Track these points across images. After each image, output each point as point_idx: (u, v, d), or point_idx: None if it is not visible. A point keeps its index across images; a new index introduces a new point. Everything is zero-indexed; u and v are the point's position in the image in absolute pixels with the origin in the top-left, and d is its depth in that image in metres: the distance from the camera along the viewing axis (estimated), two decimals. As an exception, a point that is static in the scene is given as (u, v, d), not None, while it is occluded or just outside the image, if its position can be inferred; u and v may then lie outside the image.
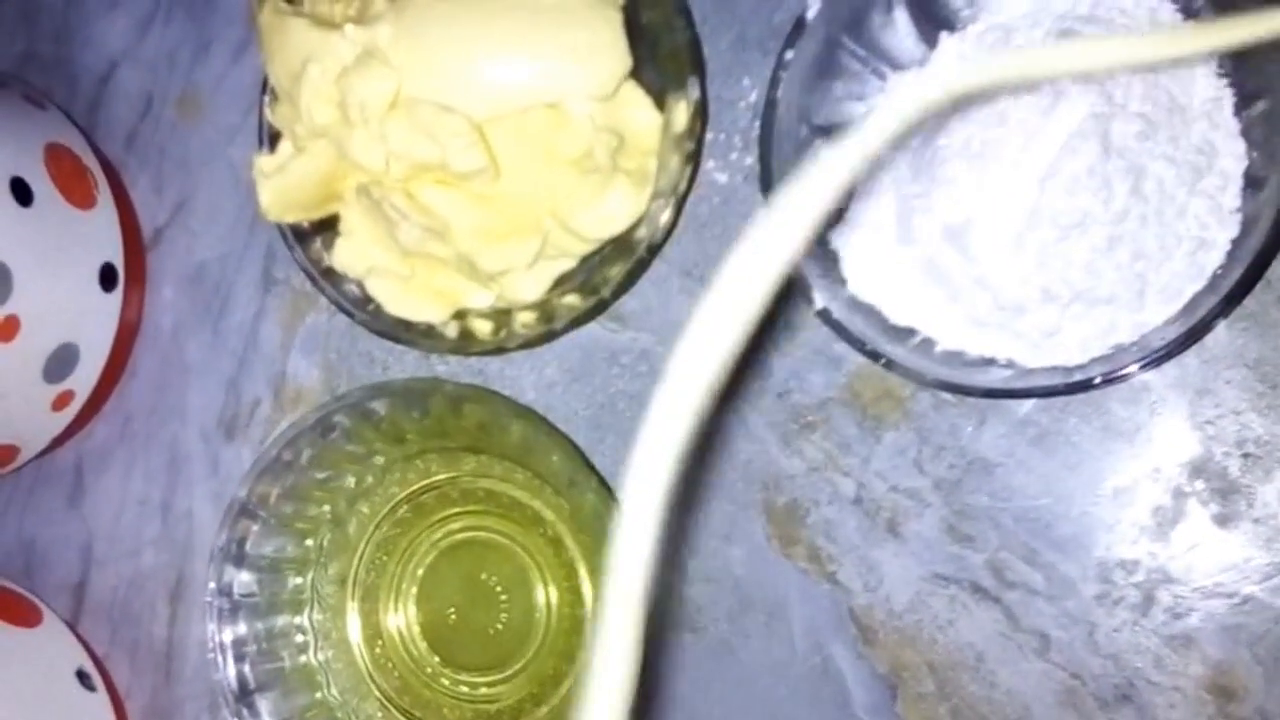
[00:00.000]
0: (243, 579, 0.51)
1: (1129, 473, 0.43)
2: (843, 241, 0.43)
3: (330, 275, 0.48)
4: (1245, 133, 0.39)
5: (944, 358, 0.42)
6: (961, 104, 0.40)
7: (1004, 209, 0.39)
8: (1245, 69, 0.38)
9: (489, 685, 0.52)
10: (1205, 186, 0.39)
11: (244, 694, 0.50)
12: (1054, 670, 0.44)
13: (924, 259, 0.41)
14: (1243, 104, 0.39)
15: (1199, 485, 0.42)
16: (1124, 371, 0.38)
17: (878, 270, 0.42)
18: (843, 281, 0.43)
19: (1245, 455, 0.41)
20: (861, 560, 0.46)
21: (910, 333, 0.42)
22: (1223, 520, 0.42)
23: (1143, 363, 0.38)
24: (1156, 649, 0.42)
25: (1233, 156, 0.39)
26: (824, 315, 0.41)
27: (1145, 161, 0.38)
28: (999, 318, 0.40)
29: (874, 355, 0.41)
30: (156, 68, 0.59)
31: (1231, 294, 0.37)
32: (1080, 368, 0.40)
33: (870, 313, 0.42)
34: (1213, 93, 0.39)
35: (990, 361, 0.41)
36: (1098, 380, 0.39)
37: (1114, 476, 0.43)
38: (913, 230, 0.41)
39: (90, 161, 0.56)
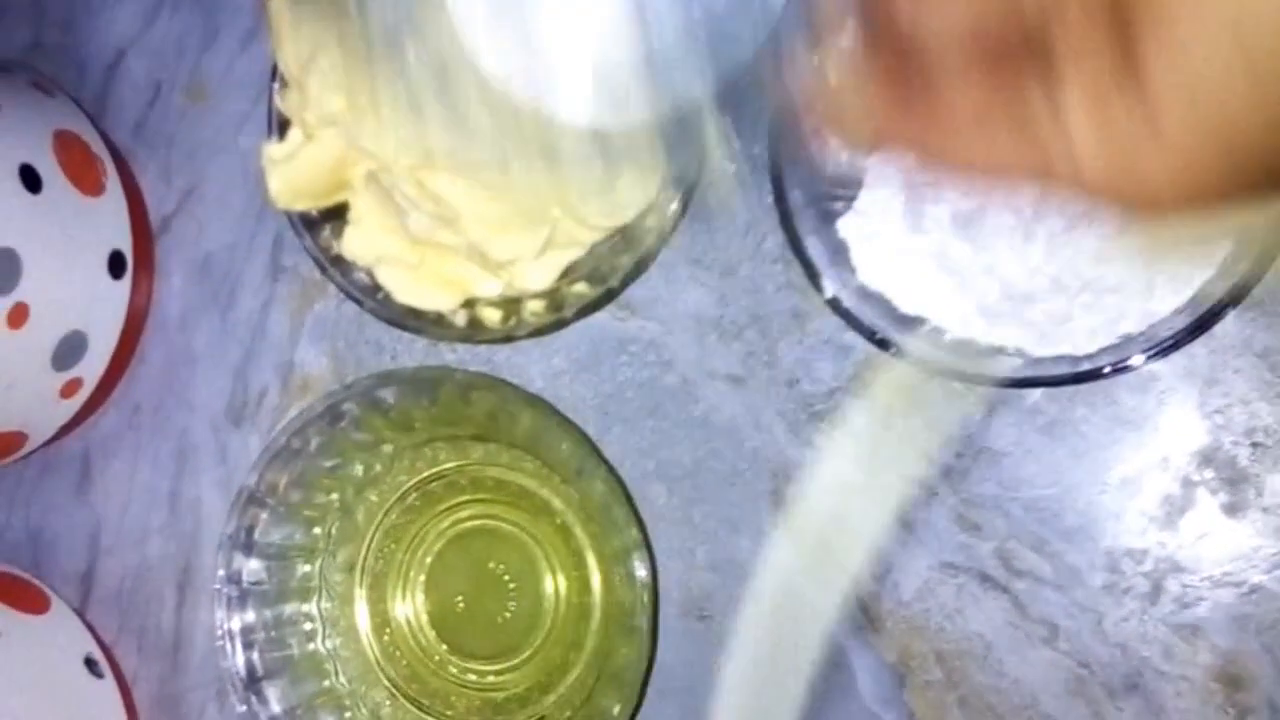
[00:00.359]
0: (251, 567, 0.51)
1: (1137, 462, 0.43)
2: (852, 230, 0.43)
3: (339, 263, 0.48)
4: (1257, 121, 0.39)
5: (953, 346, 0.42)
6: None
7: (1013, 197, 0.39)
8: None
9: (497, 674, 0.52)
10: (1216, 175, 0.38)
11: (252, 681, 0.50)
12: (1062, 659, 0.44)
13: (933, 248, 0.41)
14: (1254, 93, 0.39)
15: (1208, 474, 0.42)
16: (1132, 361, 0.38)
17: (887, 259, 0.42)
18: (852, 270, 0.43)
19: (1254, 444, 0.41)
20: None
21: (919, 321, 0.42)
22: (1231, 509, 0.42)
23: (1151, 352, 0.38)
24: (1165, 638, 0.43)
25: (1244, 145, 0.39)
26: (834, 304, 0.42)
27: (1156, 150, 0.38)
28: (1008, 307, 0.40)
29: (883, 344, 0.41)
30: (164, 55, 0.59)
31: (1240, 283, 0.37)
32: (1089, 357, 0.40)
33: (879, 301, 0.42)
34: (1224, 81, 0.39)
35: (999, 350, 0.41)
36: (1107, 369, 0.39)
37: (1122, 466, 0.43)
38: (922, 219, 0.41)
39: (99, 149, 0.56)
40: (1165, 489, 0.42)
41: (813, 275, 0.42)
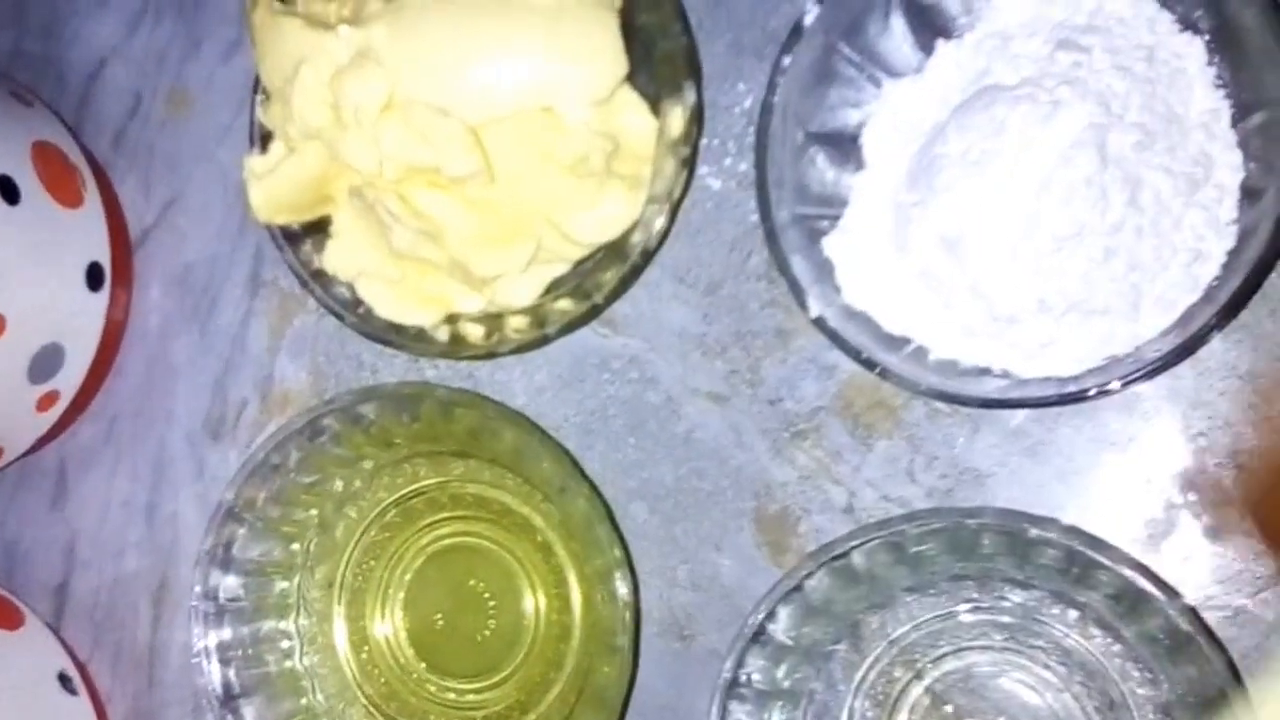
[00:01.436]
0: (228, 583, 0.50)
1: (1121, 484, 0.43)
2: (838, 249, 0.43)
3: (320, 277, 0.48)
4: (1242, 144, 0.39)
5: (938, 367, 0.42)
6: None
7: (1000, 218, 0.39)
8: (1243, 81, 0.38)
9: (476, 692, 0.51)
10: (1202, 198, 0.38)
11: (228, 699, 0.50)
12: (1045, 681, 0.44)
13: (919, 268, 0.41)
14: (1240, 115, 0.39)
15: (1191, 497, 0.42)
16: (1118, 383, 0.38)
17: (873, 278, 0.42)
18: (837, 289, 0.43)
19: (1238, 467, 0.41)
20: (852, 569, 0.46)
21: (904, 341, 0.42)
22: (1214, 533, 0.42)
23: (1137, 374, 0.38)
24: (1148, 661, 0.42)
25: (1229, 168, 0.39)
26: (819, 323, 0.41)
27: (1142, 172, 0.38)
28: (994, 327, 0.40)
29: (869, 364, 0.41)
30: (145, 66, 0.59)
31: (1227, 306, 0.37)
32: (1074, 378, 0.40)
33: (864, 321, 0.42)
34: (1210, 104, 0.39)
35: (984, 371, 0.41)
36: (1092, 391, 0.39)
37: (1106, 488, 0.43)
38: (908, 239, 0.41)
39: (78, 160, 0.56)
40: (1149, 512, 0.42)
41: (798, 294, 0.42)
